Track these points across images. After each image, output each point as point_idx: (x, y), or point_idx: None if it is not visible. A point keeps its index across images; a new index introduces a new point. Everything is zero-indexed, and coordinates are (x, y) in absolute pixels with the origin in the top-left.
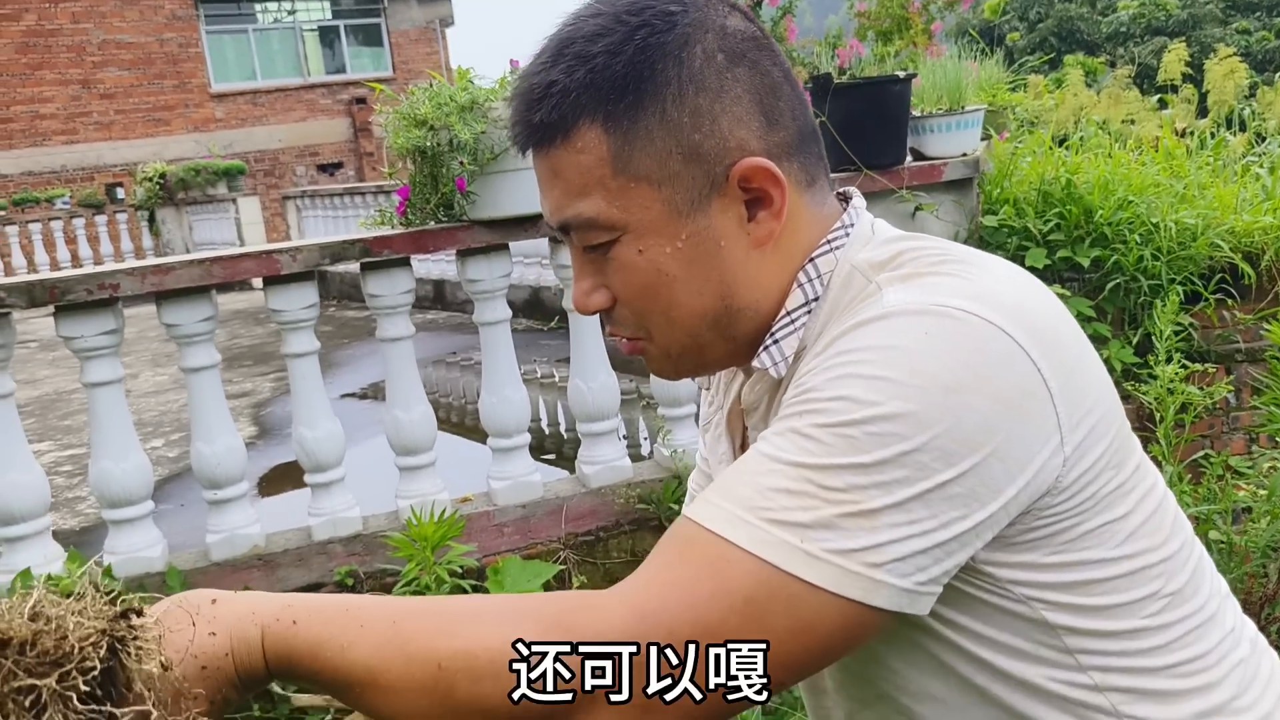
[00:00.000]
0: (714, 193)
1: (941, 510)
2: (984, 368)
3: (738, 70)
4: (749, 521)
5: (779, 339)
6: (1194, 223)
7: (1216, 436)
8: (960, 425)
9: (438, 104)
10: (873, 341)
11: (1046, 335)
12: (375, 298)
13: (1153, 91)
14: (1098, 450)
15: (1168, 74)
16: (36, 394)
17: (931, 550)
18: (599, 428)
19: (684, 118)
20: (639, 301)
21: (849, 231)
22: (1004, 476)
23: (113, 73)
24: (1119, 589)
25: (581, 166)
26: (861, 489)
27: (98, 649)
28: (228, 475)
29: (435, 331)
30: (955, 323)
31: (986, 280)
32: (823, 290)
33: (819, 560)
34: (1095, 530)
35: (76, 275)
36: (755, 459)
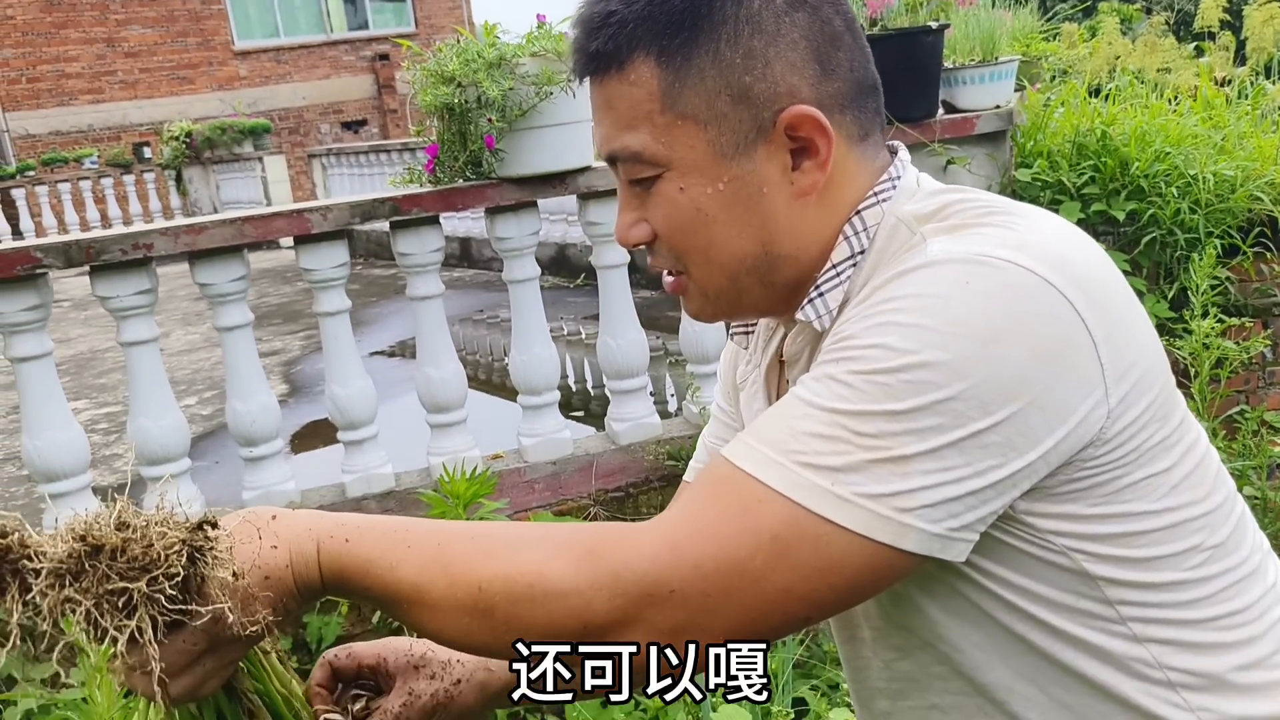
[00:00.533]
0: (760, 138)
1: (976, 458)
2: (1025, 318)
3: (797, 15)
4: (781, 463)
5: (824, 292)
6: (1233, 174)
7: (1252, 391)
8: (997, 374)
9: (465, 61)
10: (913, 290)
11: (1092, 286)
12: (405, 256)
13: (1189, 39)
14: (1143, 403)
15: (1205, 20)
16: (71, 353)
17: (964, 498)
18: (628, 385)
19: (737, 58)
20: (678, 239)
21: (895, 184)
22: (1043, 427)
23: (136, 31)
24: (1161, 541)
25: (632, 99)
26: (894, 435)
27: (179, 556)
28: (263, 433)
29: (463, 289)
30: (997, 272)
31: (1032, 232)
32: (868, 243)
33: (848, 503)
34: (1139, 483)
35: (111, 235)
36: (791, 403)
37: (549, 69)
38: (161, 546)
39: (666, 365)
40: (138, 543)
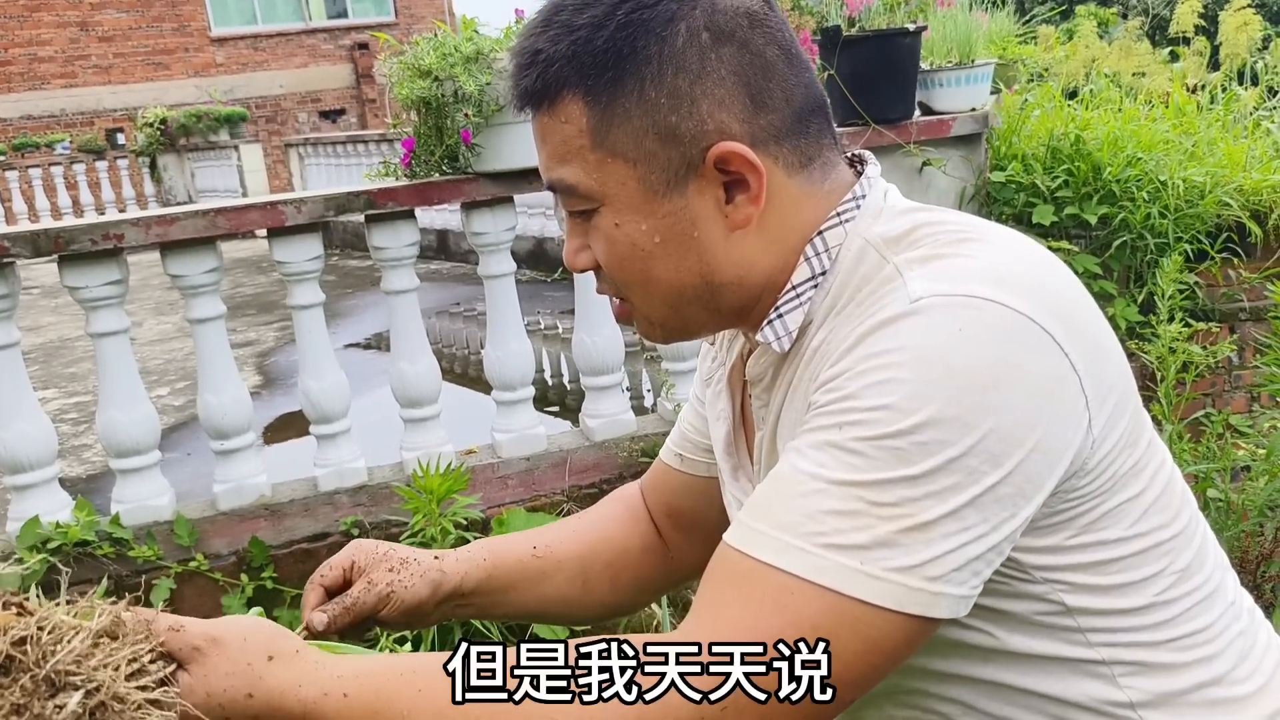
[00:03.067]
0: (690, 174)
1: (993, 513)
2: (1017, 358)
3: (724, 51)
4: (804, 549)
5: (783, 313)
6: (1202, 180)
7: (1218, 395)
8: (1002, 423)
9: (442, 55)
10: (905, 341)
11: (1069, 316)
12: (380, 250)
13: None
14: (1119, 429)
15: (1180, 25)
16: (40, 341)
17: (985, 554)
18: (603, 381)
19: (661, 98)
20: (617, 272)
21: (860, 203)
22: (1045, 469)
23: (111, 15)
24: (1131, 567)
25: (564, 135)
26: (915, 501)
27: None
28: (234, 426)
29: (439, 282)
30: (985, 315)
31: (1007, 260)
32: (830, 264)
33: (881, 580)
34: (1113, 510)
35: (81, 225)
36: (796, 477)
37: None
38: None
39: (643, 361)
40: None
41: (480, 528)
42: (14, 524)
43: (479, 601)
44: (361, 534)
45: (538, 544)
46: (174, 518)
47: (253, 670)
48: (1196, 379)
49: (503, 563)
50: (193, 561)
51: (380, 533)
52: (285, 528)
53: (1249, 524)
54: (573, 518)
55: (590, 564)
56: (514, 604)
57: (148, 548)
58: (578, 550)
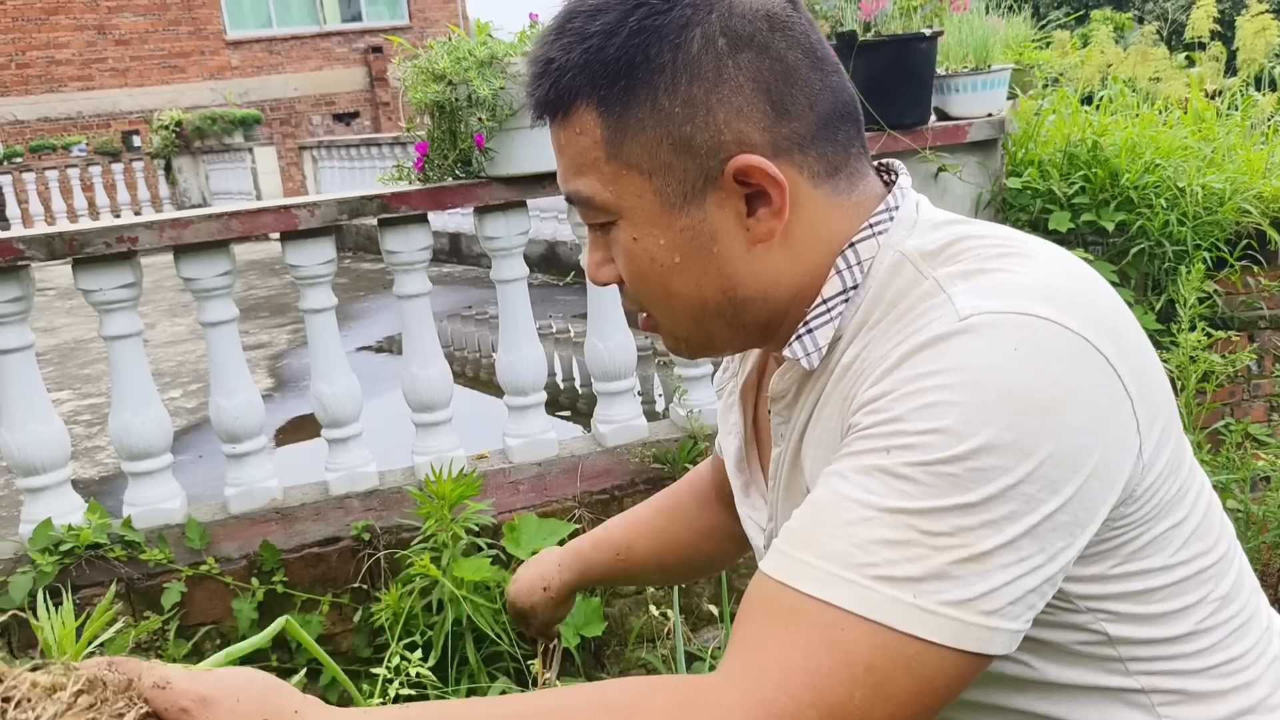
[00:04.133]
0: (709, 187)
1: (1050, 542)
2: (1073, 380)
3: (741, 57)
4: (855, 581)
5: (813, 328)
6: (1221, 187)
7: (1237, 404)
8: (1061, 448)
9: (456, 59)
10: (958, 361)
11: (1120, 335)
12: (393, 254)
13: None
14: (1166, 453)
15: (1195, 30)
16: (55, 342)
17: (1041, 587)
18: (615, 387)
19: (676, 108)
20: (637, 286)
21: (893, 215)
22: (1101, 496)
23: (128, 18)
24: (1173, 595)
25: (579, 146)
26: (970, 530)
27: None
28: (246, 429)
29: (451, 285)
30: (1039, 333)
31: (1053, 276)
32: (863, 277)
33: (935, 615)
34: (1157, 538)
35: (95, 228)
36: (841, 504)
37: None
38: None
39: (655, 365)
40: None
41: (491, 533)
42: (26, 526)
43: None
44: (372, 539)
45: (619, 549)
46: (185, 521)
47: None
48: (1216, 389)
49: (593, 571)
50: (203, 565)
51: (391, 537)
52: (296, 531)
53: (1269, 536)
54: (652, 512)
55: (664, 557)
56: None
57: (159, 551)
58: (652, 549)
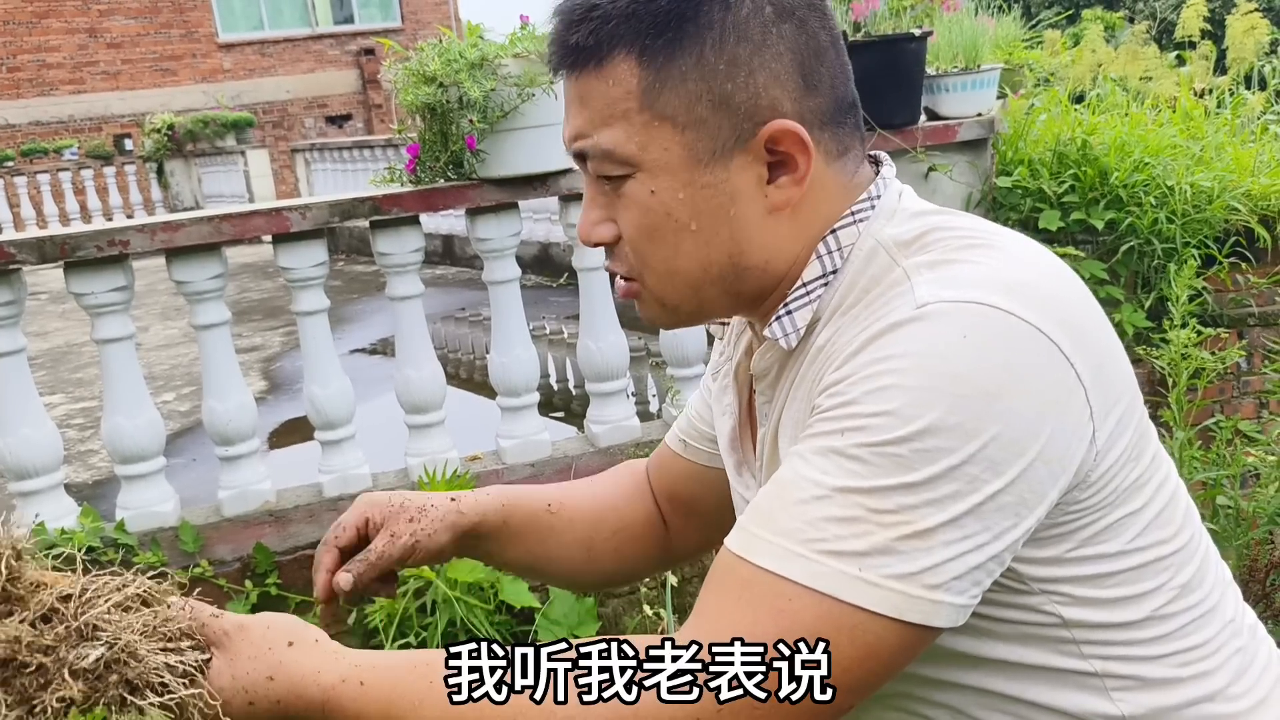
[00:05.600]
0: (738, 147)
1: (994, 521)
2: (1023, 368)
3: (784, 27)
4: (803, 555)
5: (792, 310)
6: (1210, 185)
7: (1227, 401)
8: (1006, 431)
9: (447, 60)
10: (910, 347)
11: (1077, 327)
12: (385, 256)
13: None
14: (1124, 442)
15: (1186, 30)
16: (48, 346)
17: (986, 564)
18: (608, 387)
19: (720, 64)
20: (643, 243)
21: (875, 203)
22: (1049, 478)
23: (119, 21)
24: (1129, 581)
25: (609, 97)
26: (914, 508)
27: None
28: (239, 432)
29: (444, 287)
30: (991, 322)
31: (1016, 268)
32: (842, 263)
33: (878, 588)
34: (1114, 524)
35: (86, 232)
36: (797, 483)
37: (531, 70)
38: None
39: (648, 366)
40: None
41: None
42: (19, 530)
43: (489, 546)
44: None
45: (552, 501)
46: (179, 524)
47: (274, 655)
48: (1206, 386)
49: (518, 512)
50: (197, 568)
51: None
52: (290, 534)
53: (1259, 532)
54: (585, 480)
55: (598, 529)
56: (520, 554)
57: (152, 554)
58: (588, 513)
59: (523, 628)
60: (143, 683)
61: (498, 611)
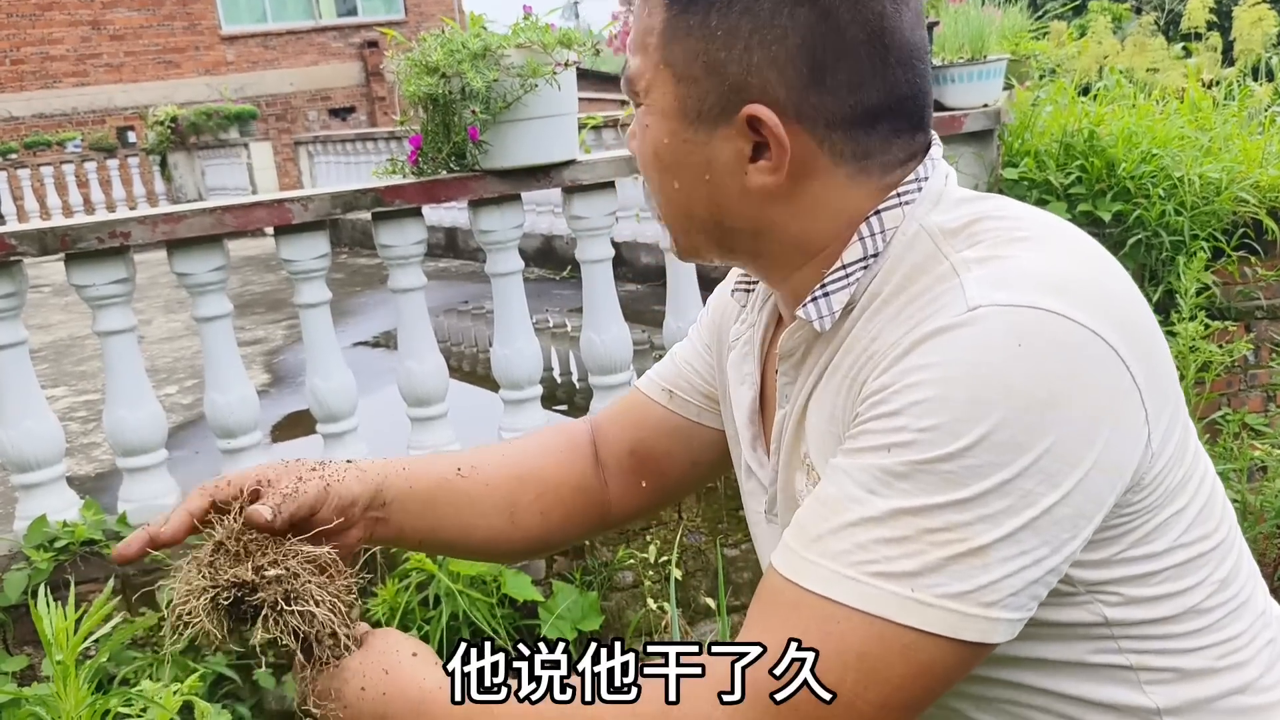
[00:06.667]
0: (723, 118)
1: (1052, 535)
2: (1079, 377)
3: (799, 10)
4: (853, 578)
5: (830, 292)
6: (1218, 177)
7: (1234, 394)
8: (1060, 443)
9: (450, 51)
10: (959, 355)
11: (1132, 326)
12: (387, 248)
13: (1178, 39)
14: (1173, 443)
15: (1192, 21)
16: (50, 339)
17: (1045, 577)
18: (611, 380)
19: (719, 31)
20: (643, 167)
21: (921, 186)
22: (1106, 487)
23: (122, 13)
24: (1174, 578)
25: (644, 26)
26: (966, 525)
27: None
28: (241, 425)
29: (447, 279)
30: (1046, 327)
31: (1069, 264)
32: (884, 246)
33: (932, 607)
34: (1163, 523)
35: (87, 223)
36: (843, 501)
37: (534, 61)
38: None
39: (652, 358)
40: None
41: None
42: (21, 523)
43: (398, 518)
44: None
45: (462, 465)
46: None
47: (396, 657)
48: (1214, 379)
49: (424, 476)
50: None
51: None
52: None
53: (1266, 526)
54: (502, 444)
55: (519, 494)
56: (436, 528)
57: None
58: (507, 477)
59: (525, 622)
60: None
61: (500, 605)
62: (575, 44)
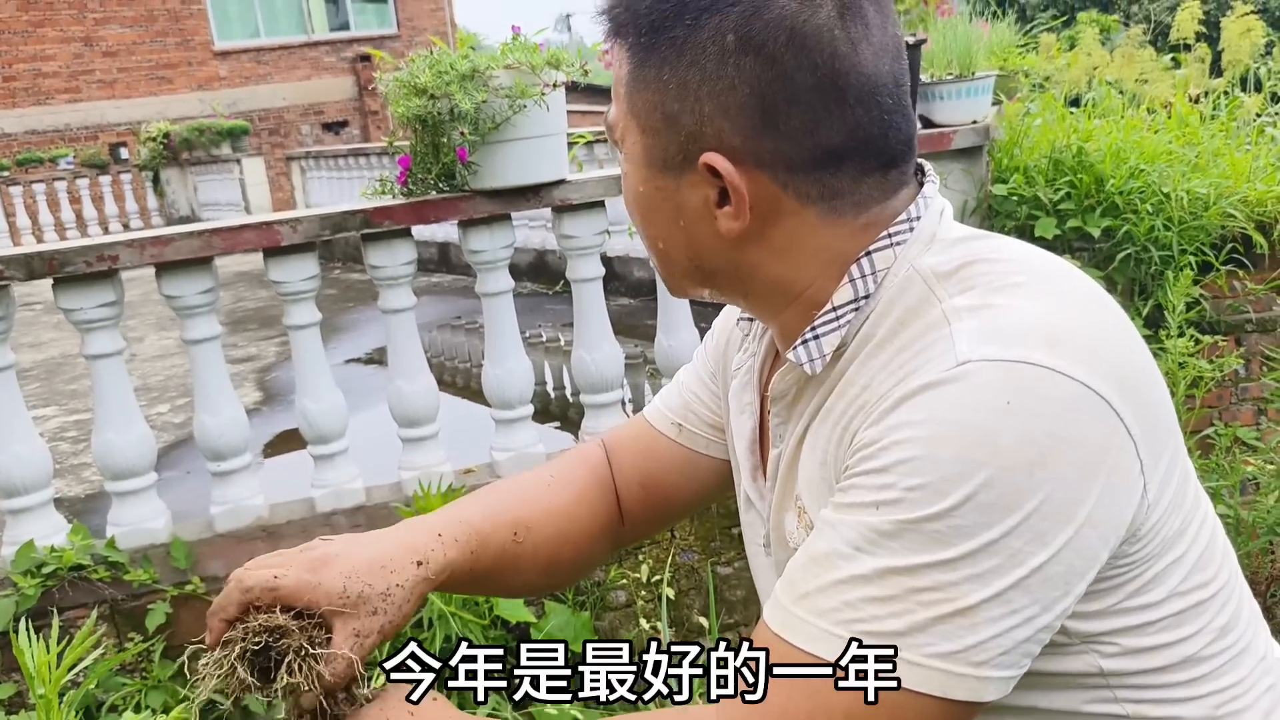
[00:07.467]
0: (686, 166)
1: (1042, 593)
2: (1071, 432)
3: (744, 60)
4: (841, 637)
5: (820, 335)
6: (1206, 192)
7: (1225, 409)
8: (1049, 502)
9: (438, 72)
10: (947, 414)
11: (1126, 376)
12: (376, 269)
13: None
14: (1170, 491)
15: (1181, 32)
16: (42, 357)
17: (1036, 635)
18: (602, 399)
19: (672, 84)
20: (626, 209)
21: (913, 225)
22: (1099, 542)
23: (115, 30)
24: (1171, 627)
25: (617, 73)
26: (954, 585)
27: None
28: (230, 447)
29: (440, 295)
30: (1037, 384)
31: (1062, 312)
32: (875, 288)
33: (920, 667)
34: (1160, 573)
35: (75, 247)
36: (832, 559)
37: (523, 81)
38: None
39: (644, 373)
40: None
41: None
42: (8, 548)
43: (450, 589)
44: None
45: (518, 528)
46: (170, 540)
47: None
48: (1205, 394)
49: (486, 552)
50: (189, 585)
51: None
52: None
53: (1259, 543)
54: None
55: (561, 551)
56: (480, 588)
57: (143, 571)
58: (552, 537)
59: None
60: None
61: (493, 626)
62: (564, 64)
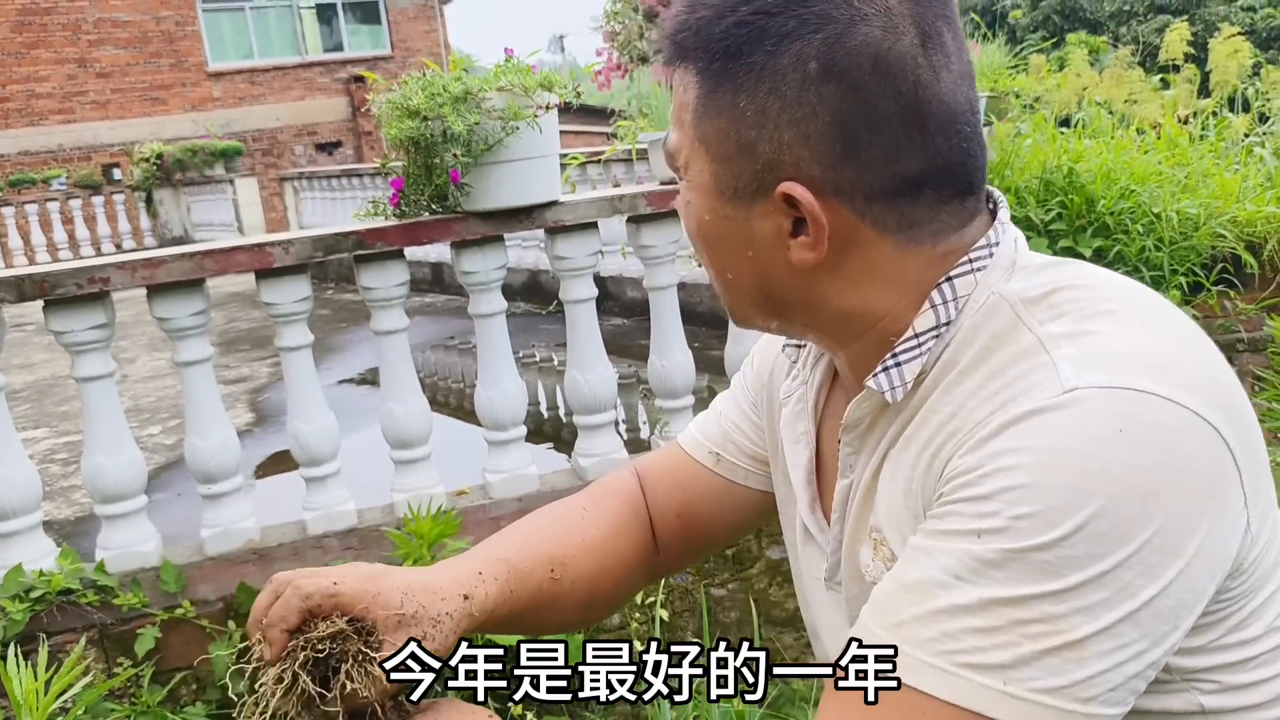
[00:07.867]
0: (760, 195)
1: (1152, 627)
2: (1183, 462)
3: (826, 88)
4: (942, 669)
5: (901, 362)
6: (1196, 212)
7: None
8: (1162, 533)
9: (431, 94)
10: (1056, 442)
11: (1229, 404)
12: (369, 290)
13: (1155, 71)
14: (1269, 524)
15: (1169, 53)
16: (33, 379)
17: (1144, 670)
18: (596, 420)
19: (749, 111)
20: (689, 239)
21: (993, 251)
22: (1207, 576)
23: (109, 51)
24: (1269, 662)
25: (681, 99)
26: (1062, 617)
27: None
28: (221, 469)
29: (434, 315)
30: (1148, 412)
31: (1164, 340)
32: (956, 314)
33: (1026, 702)
34: (1260, 606)
35: (66, 269)
36: (929, 587)
37: (515, 103)
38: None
39: (639, 394)
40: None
41: None
42: None
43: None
44: None
45: (555, 565)
46: (160, 564)
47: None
48: None
49: (523, 591)
50: (179, 608)
51: None
52: (274, 573)
53: None
54: (580, 519)
55: (598, 587)
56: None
57: (133, 595)
58: (590, 572)
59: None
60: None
61: (487, 648)
62: (556, 86)
